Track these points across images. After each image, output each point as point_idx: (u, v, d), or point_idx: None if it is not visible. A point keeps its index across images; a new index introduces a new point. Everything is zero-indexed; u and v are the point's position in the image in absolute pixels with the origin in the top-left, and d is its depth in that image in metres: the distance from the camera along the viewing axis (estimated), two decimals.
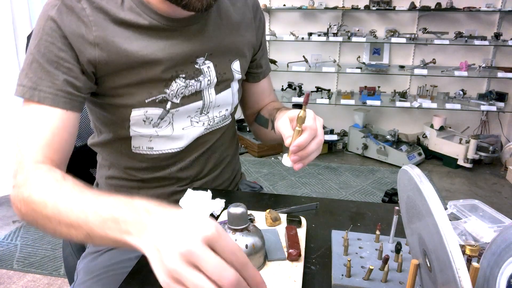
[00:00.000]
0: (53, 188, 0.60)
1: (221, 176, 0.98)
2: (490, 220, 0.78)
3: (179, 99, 0.82)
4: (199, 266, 0.41)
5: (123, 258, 0.82)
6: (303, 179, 2.96)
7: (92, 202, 0.54)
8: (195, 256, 0.41)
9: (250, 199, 0.88)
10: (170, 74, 0.79)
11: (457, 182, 3.00)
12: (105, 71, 0.74)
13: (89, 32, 0.72)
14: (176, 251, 0.42)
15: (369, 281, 0.59)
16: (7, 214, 2.42)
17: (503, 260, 0.48)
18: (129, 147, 0.86)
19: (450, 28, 3.29)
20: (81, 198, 0.56)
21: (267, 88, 1.05)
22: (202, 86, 0.84)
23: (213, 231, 0.43)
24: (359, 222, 0.80)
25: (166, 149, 0.86)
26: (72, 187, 0.59)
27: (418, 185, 0.47)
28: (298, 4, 3.39)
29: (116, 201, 0.52)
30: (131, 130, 0.82)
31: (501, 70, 3.19)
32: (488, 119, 3.55)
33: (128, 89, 0.77)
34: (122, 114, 0.79)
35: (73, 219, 0.54)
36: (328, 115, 3.68)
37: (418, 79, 3.50)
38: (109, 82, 0.76)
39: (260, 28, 0.96)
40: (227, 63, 0.88)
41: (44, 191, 0.60)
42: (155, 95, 0.79)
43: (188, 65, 0.81)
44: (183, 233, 0.43)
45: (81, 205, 0.55)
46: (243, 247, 0.60)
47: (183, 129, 0.86)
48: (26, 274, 1.86)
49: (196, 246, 0.42)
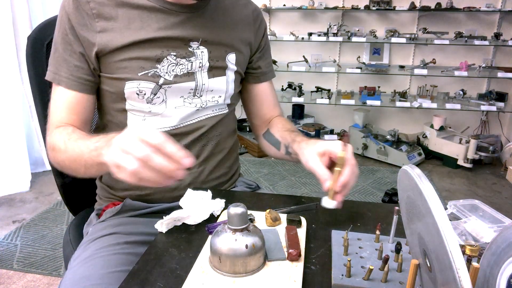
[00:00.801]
0: (65, 139, 0.80)
1: (218, 169, 0.99)
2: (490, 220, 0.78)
3: (171, 77, 0.88)
4: (126, 151, 0.59)
5: (112, 243, 0.82)
6: (303, 179, 2.95)
7: (86, 142, 0.74)
8: (126, 145, 0.60)
9: (250, 199, 0.88)
10: (161, 51, 0.86)
11: (457, 182, 3.00)
12: (105, 51, 0.84)
13: (93, 22, 0.83)
14: (118, 144, 0.61)
15: (369, 281, 0.59)
16: (7, 214, 2.42)
17: (503, 260, 0.48)
18: (125, 127, 0.87)
19: (450, 28, 3.29)
20: (80, 141, 0.76)
21: (270, 93, 1.08)
22: (194, 68, 0.89)
23: (146, 130, 0.60)
24: (359, 222, 0.80)
25: (160, 127, 0.90)
26: (78, 135, 0.80)
27: (418, 185, 0.47)
28: (298, 4, 3.39)
29: (100, 137, 0.72)
30: (127, 103, 0.88)
31: (501, 70, 3.19)
32: (488, 119, 3.55)
33: (122, 63, 0.85)
34: (117, 87, 0.86)
35: (75, 156, 0.76)
36: (328, 115, 3.68)
37: (418, 79, 3.50)
38: (107, 59, 0.85)
39: (259, 31, 1.02)
40: (223, 53, 0.93)
41: (59, 143, 0.80)
42: (147, 69, 0.85)
43: (181, 46, 0.88)
44: (125, 134, 0.61)
45: (79, 145, 0.76)
46: (243, 247, 0.60)
47: (175, 108, 0.90)
48: (26, 274, 1.86)
49: (130, 139, 0.60)
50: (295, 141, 0.89)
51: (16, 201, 2.59)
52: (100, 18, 0.83)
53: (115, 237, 0.84)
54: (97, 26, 0.83)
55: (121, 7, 0.84)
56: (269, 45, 1.08)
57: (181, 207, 0.79)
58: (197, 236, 0.74)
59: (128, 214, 0.91)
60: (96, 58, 0.84)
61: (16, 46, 2.62)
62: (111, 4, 0.84)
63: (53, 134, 0.84)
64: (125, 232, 0.85)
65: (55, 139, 0.82)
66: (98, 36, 0.83)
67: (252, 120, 1.11)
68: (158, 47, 0.86)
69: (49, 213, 2.42)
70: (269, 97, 1.08)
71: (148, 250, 0.70)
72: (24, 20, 2.65)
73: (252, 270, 0.61)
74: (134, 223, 0.88)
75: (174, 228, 0.76)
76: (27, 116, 2.82)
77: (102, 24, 0.83)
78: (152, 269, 0.64)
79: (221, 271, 0.61)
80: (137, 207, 0.91)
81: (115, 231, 0.85)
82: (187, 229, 0.76)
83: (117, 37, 0.83)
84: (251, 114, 1.11)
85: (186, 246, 0.71)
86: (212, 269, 0.62)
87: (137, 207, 0.91)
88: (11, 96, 2.58)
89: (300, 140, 0.88)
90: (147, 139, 0.59)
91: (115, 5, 0.84)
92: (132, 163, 0.59)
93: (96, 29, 0.83)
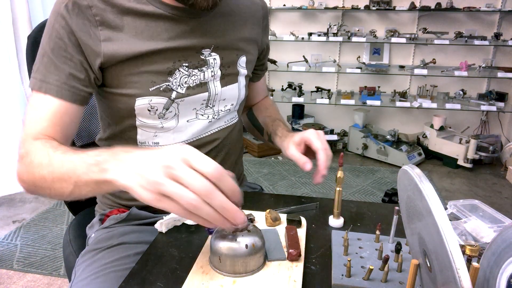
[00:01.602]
0: (49, 151, 0.67)
1: None
2: (490, 220, 0.78)
3: (184, 89, 0.83)
4: (178, 179, 0.49)
5: (122, 255, 0.82)
6: (303, 179, 2.95)
7: (80, 155, 0.61)
8: (174, 170, 0.49)
9: (250, 199, 0.88)
10: (173, 62, 0.80)
11: (457, 182, 3.00)
12: (111, 62, 0.77)
13: (95, 30, 0.75)
14: (158, 165, 0.50)
15: (369, 281, 0.59)
16: (7, 214, 2.42)
17: (503, 260, 0.48)
18: (135, 142, 0.87)
19: (450, 28, 3.29)
20: (72, 154, 0.63)
21: (262, 85, 1.11)
22: (206, 77, 0.85)
23: (189, 151, 0.51)
24: (359, 222, 0.80)
25: (172, 143, 0.87)
26: (66, 148, 0.67)
27: (418, 185, 0.47)
28: (298, 4, 3.39)
29: (100, 150, 0.60)
30: (137, 120, 0.83)
31: (501, 70, 3.19)
32: (488, 119, 3.55)
33: (132, 77, 0.78)
34: (127, 104, 0.80)
35: (63, 171, 0.62)
36: (328, 115, 3.68)
37: (418, 79, 3.49)
38: (114, 73, 0.78)
39: (266, 29, 1.00)
40: (234, 57, 0.89)
41: (41, 155, 0.67)
42: (158, 84, 0.80)
43: (193, 55, 0.82)
44: (162, 154, 0.51)
45: (71, 158, 0.62)
46: (243, 247, 0.60)
47: (188, 121, 0.87)
48: (26, 274, 1.86)
49: (175, 162, 0.49)
50: (277, 135, 0.95)
51: (16, 201, 2.59)
52: (103, 26, 0.76)
53: (124, 248, 0.80)
54: (101, 34, 0.75)
55: (127, 15, 0.77)
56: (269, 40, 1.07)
57: None
58: (197, 236, 0.74)
59: (134, 223, 0.90)
60: (100, 70, 0.77)
61: (16, 46, 2.62)
62: (115, 11, 0.76)
63: (30, 145, 0.71)
64: (133, 241, 0.83)
65: (34, 151, 0.69)
66: (103, 45, 0.75)
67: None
68: (170, 59, 0.80)
69: (49, 213, 2.42)
70: (261, 89, 1.11)
71: (148, 250, 0.70)
72: (24, 20, 2.65)
73: (252, 270, 0.61)
74: (140, 231, 0.87)
75: (174, 228, 0.76)
76: None
77: (106, 33, 0.76)
78: (152, 269, 0.64)
79: (221, 271, 0.61)
80: (143, 217, 0.90)
81: (123, 241, 0.83)
82: (187, 229, 0.76)
83: (124, 47, 0.76)
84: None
85: (186, 246, 0.71)
86: (212, 269, 0.62)
87: (143, 217, 0.90)
88: (11, 96, 2.59)
89: (281, 134, 0.94)
90: (203, 168, 0.50)
91: (119, 12, 0.76)
92: (189, 196, 0.48)
93: (100, 37, 0.75)
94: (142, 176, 0.50)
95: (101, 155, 0.58)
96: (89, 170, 0.58)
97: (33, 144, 0.71)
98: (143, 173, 0.50)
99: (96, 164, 0.57)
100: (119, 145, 0.85)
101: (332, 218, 0.78)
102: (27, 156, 0.70)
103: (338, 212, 0.77)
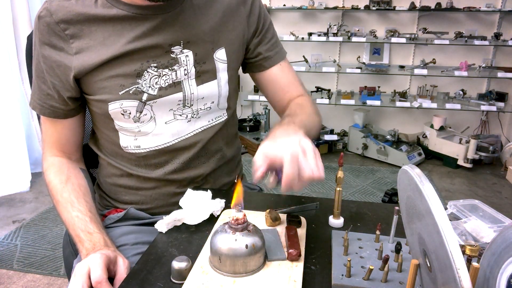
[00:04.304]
0: (58, 189, 0.83)
1: (221, 178, 0.97)
2: (490, 220, 0.78)
3: (155, 90, 0.81)
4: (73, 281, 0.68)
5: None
6: None
7: (72, 219, 0.78)
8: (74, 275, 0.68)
9: (250, 199, 0.88)
10: (140, 63, 0.79)
11: (457, 182, 3.00)
12: (81, 73, 0.79)
13: (67, 45, 0.78)
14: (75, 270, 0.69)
15: (369, 281, 0.59)
16: (7, 214, 2.42)
17: (503, 260, 0.48)
18: (119, 147, 0.88)
19: (450, 28, 3.29)
20: (69, 209, 0.79)
21: (281, 76, 0.96)
22: (179, 76, 0.82)
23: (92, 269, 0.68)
24: (359, 222, 0.80)
25: (153, 146, 0.87)
26: (70, 193, 0.82)
27: (418, 185, 0.47)
28: (298, 4, 3.39)
29: (83, 228, 0.76)
30: (115, 124, 0.85)
31: (501, 70, 3.19)
32: (488, 119, 3.55)
33: (101, 83, 0.79)
34: (102, 109, 0.82)
35: (63, 219, 0.81)
36: (328, 115, 3.68)
37: (418, 79, 3.49)
38: (86, 81, 0.80)
39: (252, 14, 0.90)
40: (209, 51, 0.84)
41: (53, 187, 0.84)
42: (127, 87, 0.79)
43: (161, 55, 0.80)
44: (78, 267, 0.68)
45: (67, 214, 0.79)
46: (243, 247, 0.60)
47: (166, 123, 0.85)
48: (26, 274, 1.86)
49: (76, 273, 0.68)
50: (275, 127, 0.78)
51: (16, 201, 2.59)
52: (74, 38, 0.77)
53: (123, 251, 0.80)
54: (73, 47, 0.77)
55: (93, 23, 0.77)
56: (269, 26, 0.94)
57: (181, 207, 0.79)
58: (197, 236, 0.74)
59: (131, 223, 0.90)
60: (75, 81, 0.80)
61: (16, 46, 2.62)
62: (82, 20, 0.77)
63: (46, 172, 0.86)
64: (132, 242, 0.84)
65: (49, 182, 0.85)
66: (75, 59, 0.78)
67: (275, 109, 1.02)
68: (137, 60, 0.78)
69: (49, 213, 2.42)
70: (281, 82, 0.96)
71: (148, 250, 0.70)
72: (24, 20, 2.65)
73: (252, 270, 0.61)
74: (138, 231, 0.87)
75: (174, 228, 0.76)
76: (27, 116, 2.82)
77: (77, 44, 0.77)
78: (152, 269, 0.64)
79: (221, 271, 0.61)
80: (140, 217, 0.90)
81: (122, 243, 0.83)
82: (187, 229, 0.76)
83: (92, 57, 0.77)
84: (270, 101, 1.01)
85: (186, 246, 0.71)
86: (212, 269, 0.62)
87: (140, 217, 0.90)
88: (11, 96, 2.59)
89: (276, 128, 0.75)
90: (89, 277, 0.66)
91: (86, 22, 0.77)
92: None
93: (72, 51, 0.78)
94: (77, 268, 0.68)
95: (80, 235, 0.76)
96: (74, 236, 0.77)
97: (48, 170, 0.86)
98: (78, 267, 0.68)
99: (77, 237, 0.76)
100: (108, 150, 0.92)
101: (332, 218, 0.78)
102: (45, 174, 0.86)
103: (338, 212, 0.77)
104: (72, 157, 0.91)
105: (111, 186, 0.93)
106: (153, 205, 0.92)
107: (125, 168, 0.90)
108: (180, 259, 0.62)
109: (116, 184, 0.92)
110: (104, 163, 0.94)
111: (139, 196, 0.92)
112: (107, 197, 0.96)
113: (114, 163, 0.91)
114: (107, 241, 0.75)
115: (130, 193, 0.92)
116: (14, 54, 2.61)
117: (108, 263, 0.69)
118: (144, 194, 0.91)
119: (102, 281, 0.65)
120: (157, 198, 0.91)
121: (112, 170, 0.92)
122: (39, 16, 0.78)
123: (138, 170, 0.89)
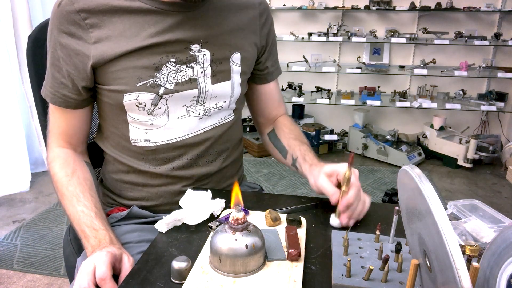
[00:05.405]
0: (63, 182, 0.83)
1: (224, 180, 0.98)
2: (490, 220, 0.78)
3: (172, 85, 0.83)
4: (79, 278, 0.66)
5: None
6: (303, 179, 2.95)
7: (77, 213, 0.78)
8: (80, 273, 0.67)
9: (250, 199, 0.88)
10: (160, 57, 0.80)
11: (457, 182, 3.00)
12: (100, 63, 0.79)
13: (86, 33, 0.78)
14: (81, 267, 0.68)
15: (369, 281, 0.59)
16: (7, 214, 2.42)
17: (503, 260, 0.48)
18: (128, 140, 0.88)
19: (450, 28, 3.29)
20: (74, 204, 0.80)
21: (275, 92, 1.06)
22: (196, 74, 0.84)
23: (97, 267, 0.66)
24: (359, 222, 0.80)
25: (163, 141, 0.87)
26: (75, 187, 0.82)
27: (418, 185, 0.47)
28: (298, 4, 3.39)
29: (89, 224, 0.77)
30: (128, 116, 0.85)
31: (501, 70, 3.19)
32: (488, 119, 3.55)
33: (118, 74, 0.80)
34: (116, 100, 0.83)
35: (68, 213, 0.81)
36: (328, 115, 3.68)
37: (418, 79, 3.49)
38: (103, 71, 0.80)
39: (265, 27, 0.95)
40: (227, 53, 0.87)
41: (58, 179, 0.84)
42: (145, 79, 0.80)
43: (181, 51, 0.82)
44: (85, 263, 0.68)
45: (73, 209, 0.80)
46: (243, 247, 0.60)
47: (178, 118, 0.86)
48: (26, 274, 1.86)
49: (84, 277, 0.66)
50: (306, 161, 0.89)
51: (16, 201, 2.59)
52: (94, 27, 0.78)
53: (128, 248, 0.79)
54: (92, 37, 0.78)
55: (114, 14, 0.78)
56: (275, 41, 1.01)
57: (181, 207, 0.79)
58: (197, 236, 0.74)
59: (133, 221, 0.90)
60: (92, 70, 0.80)
61: (16, 46, 2.62)
62: (103, 11, 0.78)
63: (52, 164, 0.86)
64: (136, 240, 0.84)
65: (54, 174, 0.85)
66: (93, 48, 0.78)
67: (257, 118, 1.09)
68: (157, 54, 0.80)
69: (49, 213, 2.42)
70: (274, 96, 1.05)
71: (148, 250, 0.70)
72: (24, 20, 2.65)
73: (252, 270, 0.61)
74: (141, 230, 0.87)
75: (174, 228, 0.76)
76: (27, 116, 2.82)
77: (96, 34, 0.78)
78: (152, 269, 0.64)
79: (221, 271, 0.61)
80: (143, 215, 0.90)
81: (127, 241, 0.83)
82: (187, 229, 0.76)
83: (112, 47, 0.78)
84: (256, 112, 1.08)
85: (186, 246, 0.71)
86: (212, 269, 0.62)
87: (143, 216, 0.90)
88: (11, 96, 2.59)
89: (311, 162, 0.88)
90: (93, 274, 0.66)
91: (107, 12, 0.78)
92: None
93: (91, 40, 0.78)
94: (83, 265, 0.68)
95: (86, 230, 0.76)
96: (79, 231, 0.77)
97: (54, 161, 0.86)
98: (84, 263, 0.68)
99: (82, 232, 0.76)
100: (115, 141, 0.91)
101: (332, 218, 0.78)
102: (50, 166, 0.86)
103: (339, 213, 0.77)
104: (78, 149, 0.91)
105: (116, 182, 0.94)
106: (158, 202, 0.92)
107: (131, 163, 0.90)
108: (180, 259, 0.62)
109: (122, 180, 0.93)
110: (110, 159, 0.94)
111: (145, 193, 0.92)
112: (111, 193, 0.96)
113: (120, 159, 0.91)
114: (113, 238, 0.75)
115: (135, 189, 0.92)
116: (14, 54, 2.61)
117: (114, 261, 0.68)
118: (150, 191, 0.91)
119: (106, 278, 0.65)
120: (162, 196, 0.92)
121: (118, 166, 0.92)
122: (59, 4, 0.78)
123: (145, 165, 0.89)
